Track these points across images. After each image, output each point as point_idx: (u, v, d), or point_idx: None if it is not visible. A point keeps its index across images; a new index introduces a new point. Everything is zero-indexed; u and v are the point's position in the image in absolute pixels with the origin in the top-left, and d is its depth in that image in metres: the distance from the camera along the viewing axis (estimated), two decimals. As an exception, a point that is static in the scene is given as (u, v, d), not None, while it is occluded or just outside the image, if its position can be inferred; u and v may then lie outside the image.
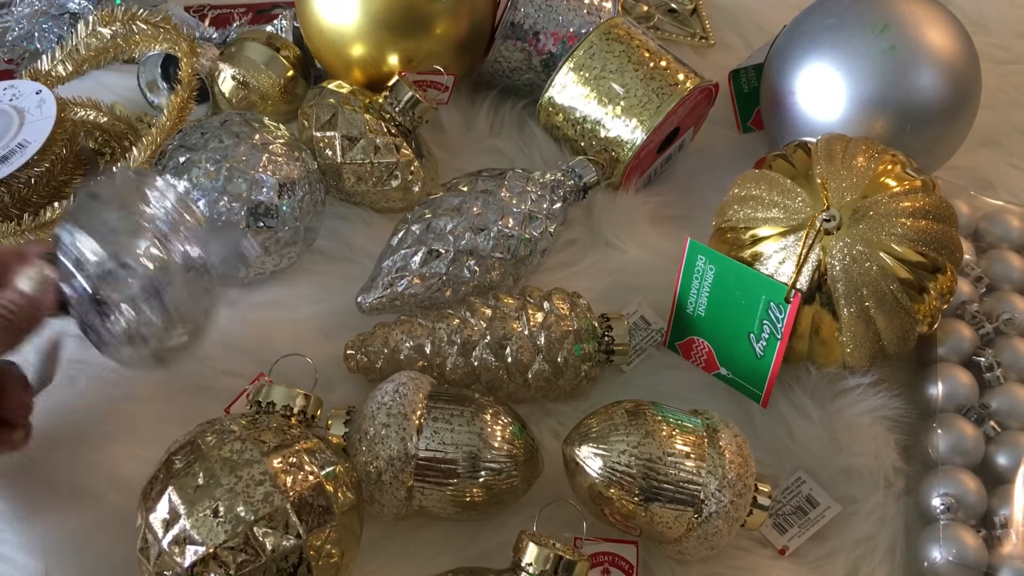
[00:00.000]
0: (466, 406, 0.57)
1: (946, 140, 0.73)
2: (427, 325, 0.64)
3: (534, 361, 0.63)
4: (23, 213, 0.70)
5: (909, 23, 0.70)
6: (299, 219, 0.68)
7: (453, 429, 0.56)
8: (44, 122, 0.71)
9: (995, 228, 0.73)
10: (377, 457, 0.55)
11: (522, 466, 0.57)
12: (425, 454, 0.55)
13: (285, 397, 0.56)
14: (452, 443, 0.55)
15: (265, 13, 0.92)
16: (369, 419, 0.56)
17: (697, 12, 0.95)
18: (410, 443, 0.55)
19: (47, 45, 0.85)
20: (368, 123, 0.72)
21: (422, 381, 0.58)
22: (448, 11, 0.75)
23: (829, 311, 0.60)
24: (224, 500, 0.48)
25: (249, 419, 0.53)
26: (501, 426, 0.57)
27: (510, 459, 0.56)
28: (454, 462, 0.55)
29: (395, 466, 0.55)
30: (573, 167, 0.72)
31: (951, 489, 0.60)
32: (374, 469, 0.55)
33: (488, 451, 0.56)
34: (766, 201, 0.63)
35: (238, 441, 0.51)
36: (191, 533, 0.48)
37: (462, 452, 0.55)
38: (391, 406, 0.56)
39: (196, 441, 0.51)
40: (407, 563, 0.59)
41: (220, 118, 0.70)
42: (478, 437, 0.56)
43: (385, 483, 0.55)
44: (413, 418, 0.56)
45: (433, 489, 0.56)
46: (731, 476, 0.55)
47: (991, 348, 0.67)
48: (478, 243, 0.67)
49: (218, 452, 0.50)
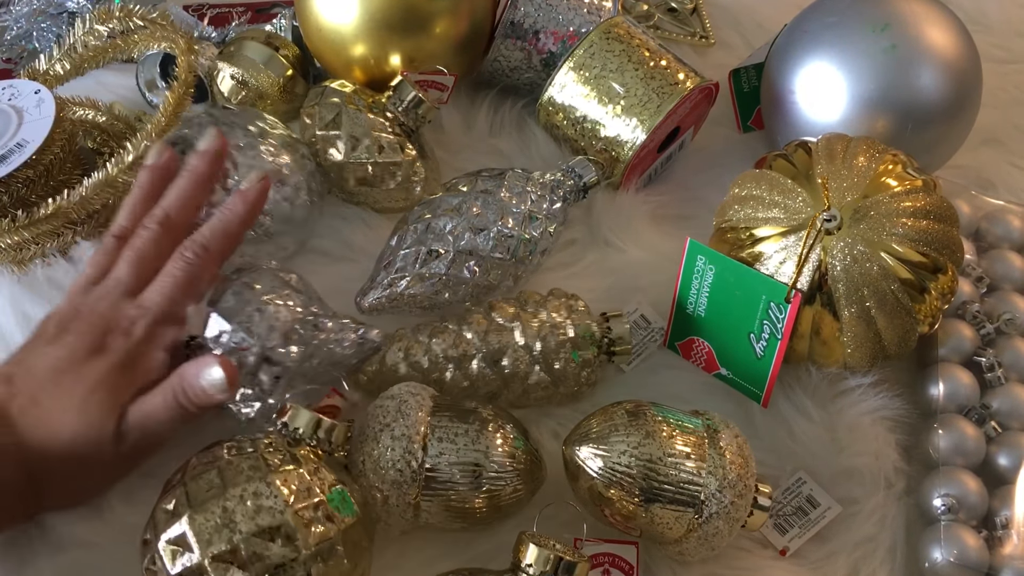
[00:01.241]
0: (470, 423, 0.56)
1: (947, 139, 0.73)
2: (423, 342, 0.63)
3: (532, 372, 0.62)
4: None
5: (910, 22, 0.70)
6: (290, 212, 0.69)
7: (458, 448, 0.55)
8: (43, 121, 0.71)
9: (996, 228, 0.73)
10: (383, 480, 0.54)
11: (526, 477, 0.57)
12: (430, 475, 0.55)
13: (308, 422, 0.54)
14: (457, 462, 0.55)
15: (264, 12, 0.92)
16: (372, 441, 0.55)
17: (697, 11, 0.95)
18: (415, 463, 0.54)
19: (45, 44, 0.85)
20: (372, 123, 0.72)
21: (423, 396, 0.57)
22: (448, 10, 0.75)
23: (830, 311, 0.60)
24: (227, 512, 0.48)
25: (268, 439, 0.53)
26: (505, 440, 0.56)
27: (515, 473, 0.56)
28: (459, 481, 0.55)
29: (401, 488, 0.54)
30: (573, 167, 0.72)
31: (952, 490, 0.60)
32: (380, 492, 0.54)
33: (493, 467, 0.55)
34: (766, 201, 0.63)
35: (250, 458, 0.50)
36: (189, 539, 0.48)
37: (468, 470, 0.55)
38: (394, 428, 0.55)
39: (217, 453, 0.52)
40: (407, 564, 0.59)
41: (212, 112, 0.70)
42: (483, 455, 0.55)
43: (392, 505, 0.55)
44: (417, 439, 0.55)
45: (439, 508, 0.55)
46: (732, 477, 0.54)
47: (992, 348, 0.66)
48: (478, 243, 0.66)
49: (233, 464, 0.50)
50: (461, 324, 0.64)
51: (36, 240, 0.69)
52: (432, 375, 0.63)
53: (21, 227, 0.68)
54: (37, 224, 0.68)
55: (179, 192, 0.61)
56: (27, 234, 0.68)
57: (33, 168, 0.70)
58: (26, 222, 0.68)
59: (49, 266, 0.71)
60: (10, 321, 0.68)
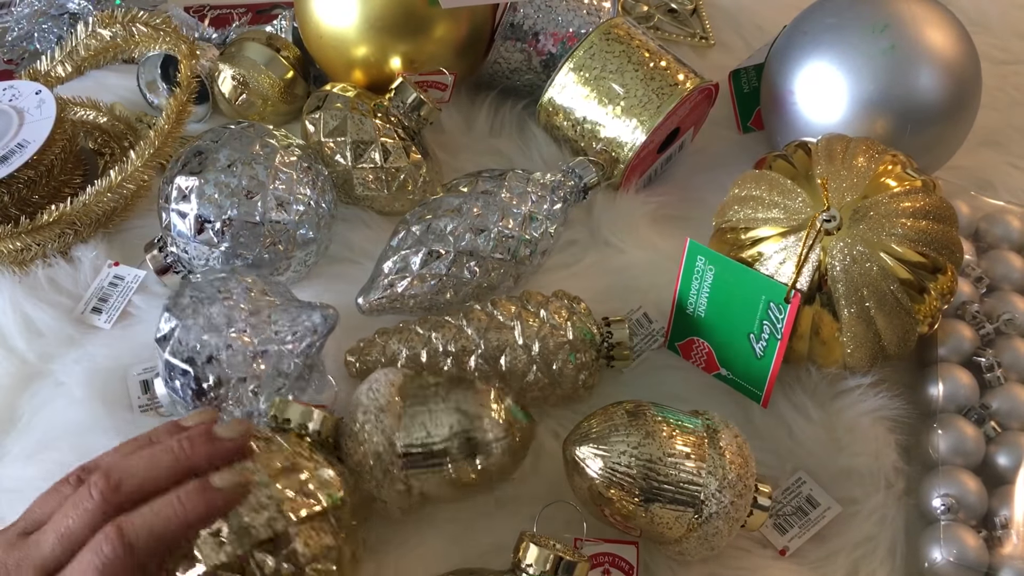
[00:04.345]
0: (440, 385, 0.57)
1: (946, 140, 0.73)
2: (423, 334, 0.64)
3: (529, 371, 0.62)
4: (22, 213, 0.70)
5: (909, 23, 0.70)
6: (318, 230, 0.68)
7: (430, 410, 0.56)
8: (44, 122, 0.71)
9: (995, 228, 0.73)
10: (366, 456, 0.55)
11: (511, 429, 0.56)
12: (409, 440, 0.55)
13: (302, 416, 0.55)
14: (433, 423, 0.55)
15: (265, 13, 0.92)
16: (351, 421, 0.56)
17: (697, 12, 0.95)
18: (392, 435, 0.55)
19: (47, 45, 0.85)
20: (378, 127, 0.72)
21: (395, 374, 0.58)
22: (448, 12, 0.75)
23: (829, 311, 0.60)
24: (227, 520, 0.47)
25: (264, 438, 0.53)
26: (478, 394, 0.56)
27: (496, 425, 0.56)
28: (439, 441, 0.55)
29: (384, 460, 0.55)
30: (573, 168, 0.72)
31: (952, 490, 0.60)
32: (366, 469, 0.55)
33: (471, 420, 0.55)
34: (766, 201, 0.63)
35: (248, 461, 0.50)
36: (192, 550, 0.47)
37: (445, 428, 0.55)
38: (367, 405, 0.56)
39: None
40: (407, 564, 0.59)
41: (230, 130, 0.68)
42: (456, 411, 0.56)
43: (380, 479, 0.55)
44: (390, 409, 0.56)
45: (428, 473, 0.56)
46: (731, 477, 0.54)
47: (991, 348, 0.66)
48: (478, 244, 0.66)
49: None
50: (462, 319, 0.64)
51: (38, 242, 0.70)
52: (431, 369, 0.63)
53: (24, 232, 0.68)
54: (40, 230, 0.69)
55: (151, 467, 0.48)
56: (29, 239, 0.69)
57: (34, 168, 0.70)
58: (29, 227, 0.69)
59: (50, 267, 0.71)
60: (10, 321, 0.68)
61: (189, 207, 0.65)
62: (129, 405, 0.65)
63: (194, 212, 0.65)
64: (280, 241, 0.66)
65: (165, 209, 0.66)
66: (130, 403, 0.65)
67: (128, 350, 0.67)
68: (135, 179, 0.70)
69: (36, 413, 0.65)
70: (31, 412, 0.65)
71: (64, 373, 0.66)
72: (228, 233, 0.65)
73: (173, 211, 0.65)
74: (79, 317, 0.69)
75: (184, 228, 0.65)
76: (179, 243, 0.66)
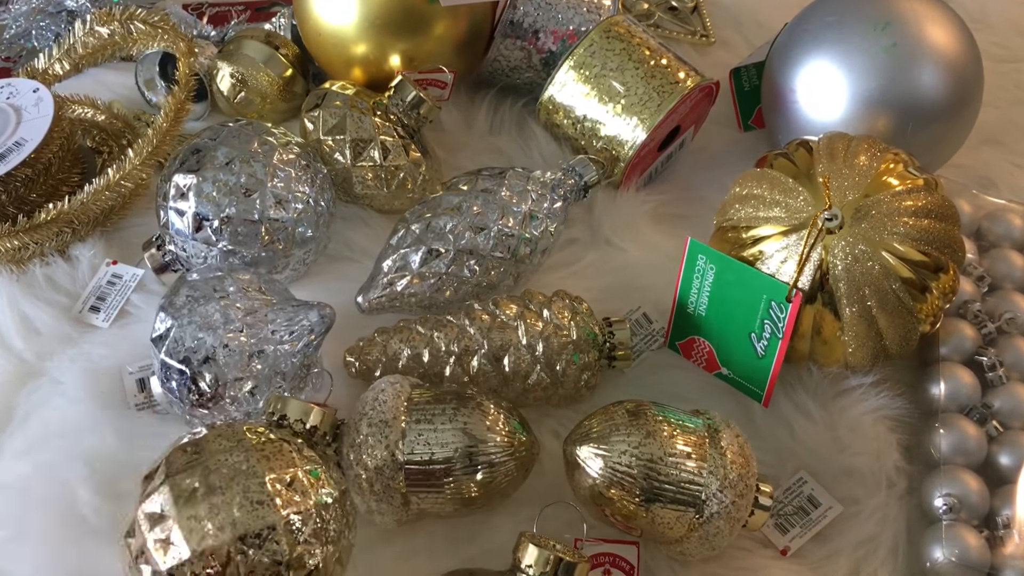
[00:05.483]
0: (447, 403, 0.56)
1: (948, 138, 0.73)
2: (425, 333, 0.63)
3: (532, 371, 0.62)
4: (20, 212, 0.70)
5: (911, 20, 0.70)
6: (316, 228, 0.68)
7: (436, 428, 0.55)
8: (41, 120, 0.71)
9: (997, 227, 0.72)
10: (366, 468, 0.54)
11: (515, 453, 0.56)
12: (412, 457, 0.55)
13: (299, 412, 0.55)
14: (438, 442, 0.55)
15: (264, 11, 0.92)
16: (354, 431, 0.56)
17: (698, 10, 0.95)
18: (396, 450, 0.54)
19: (44, 43, 0.85)
20: (377, 125, 0.71)
21: (402, 385, 0.57)
22: (447, 10, 0.75)
23: (831, 310, 0.60)
24: (217, 511, 0.47)
25: (259, 431, 0.52)
26: (485, 415, 0.56)
27: (500, 448, 0.55)
28: (443, 460, 0.55)
29: (385, 475, 0.54)
30: (573, 166, 0.72)
31: (953, 489, 0.60)
32: (366, 481, 0.54)
33: (476, 443, 0.55)
34: (767, 200, 0.62)
35: (243, 452, 0.50)
36: (177, 536, 0.47)
37: (450, 449, 0.55)
38: (372, 416, 0.55)
39: (202, 443, 0.51)
40: (406, 564, 0.59)
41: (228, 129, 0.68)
42: (463, 432, 0.55)
43: (379, 493, 0.55)
44: (395, 424, 0.55)
45: (428, 492, 0.55)
46: (732, 476, 0.54)
47: (993, 347, 0.66)
48: (478, 242, 0.66)
49: (221, 460, 0.49)
50: (464, 319, 0.64)
51: (35, 241, 0.69)
52: (433, 369, 0.62)
53: (21, 231, 0.68)
54: (38, 229, 0.68)
55: None
56: (27, 238, 0.68)
57: (32, 166, 0.70)
58: (26, 226, 0.68)
59: (47, 265, 0.71)
60: (8, 320, 0.68)
61: (187, 205, 0.64)
62: (125, 403, 0.64)
63: (192, 210, 0.64)
64: (279, 239, 0.66)
65: (163, 207, 0.66)
66: (126, 401, 0.65)
67: (126, 349, 0.67)
68: (133, 177, 0.70)
69: (33, 411, 0.65)
70: (28, 410, 0.65)
71: (61, 372, 0.66)
72: (226, 231, 0.65)
73: (171, 209, 0.65)
74: (77, 316, 0.69)
75: (182, 226, 0.65)
76: (177, 241, 0.66)
